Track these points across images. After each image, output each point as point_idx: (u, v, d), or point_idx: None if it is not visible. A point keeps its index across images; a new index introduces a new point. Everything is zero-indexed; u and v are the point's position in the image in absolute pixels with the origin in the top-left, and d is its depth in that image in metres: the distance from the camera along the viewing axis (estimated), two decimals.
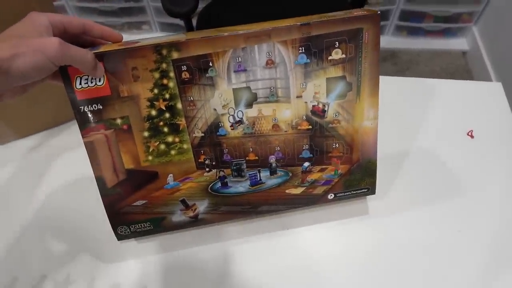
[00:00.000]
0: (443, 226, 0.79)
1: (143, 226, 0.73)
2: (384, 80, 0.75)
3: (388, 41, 2.64)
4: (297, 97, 0.70)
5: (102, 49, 0.63)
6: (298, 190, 0.76)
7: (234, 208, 0.75)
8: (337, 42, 0.66)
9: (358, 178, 0.78)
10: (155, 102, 0.67)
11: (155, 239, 0.78)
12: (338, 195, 0.78)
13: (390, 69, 2.55)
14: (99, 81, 0.64)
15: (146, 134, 0.69)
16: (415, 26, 2.58)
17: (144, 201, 0.74)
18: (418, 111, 1.01)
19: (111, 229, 0.71)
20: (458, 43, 2.63)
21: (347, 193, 0.78)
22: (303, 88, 0.68)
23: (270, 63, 0.67)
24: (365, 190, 0.80)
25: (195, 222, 0.76)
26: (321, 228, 0.79)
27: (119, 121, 0.65)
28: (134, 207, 0.71)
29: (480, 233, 0.73)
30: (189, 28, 1.60)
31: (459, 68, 2.53)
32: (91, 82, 0.64)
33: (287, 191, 0.75)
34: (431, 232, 0.78)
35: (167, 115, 0.68)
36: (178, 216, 0.74)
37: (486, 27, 2.48)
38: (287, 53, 0.67)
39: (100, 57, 0.61)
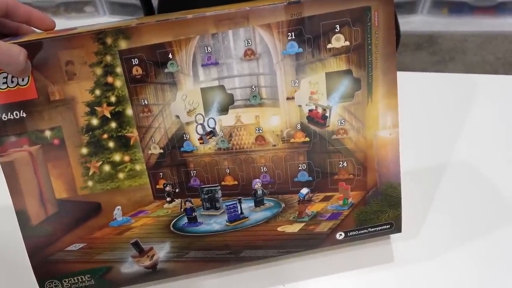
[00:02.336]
0: (498, 275, 0.76)
1: (80, 280, 0.72)
2: (412, 77, 0.75)
3: (423, 22, 2.47)
4: (288, 99, 0.69)
5: (26, 38, 0.63)
6: (295, 228, 0.75)
7: (207, 254, 0.74)
8: (337, 26, 0.66)
9: (376, 209, 0.76)
10: (96, 108, 0.66)
11: None
12: (350, 234, 0.77)
13: (427, 59, 2.38)
14: (22, 80, 0.64)
15: (84, 151, 0.67)
16: (458, 1, 2.44)
17: (82, 244, 0.71)
18: (458, 117, 0.99)
19: (37, 284, 0.73)
20: None
21: (362, 232, 0.79)
22: (296, 87, 0.68)
23: (249, 54, 0.68)
24: (387, 226, 0.78)
25: (153, 274, 0.75)
26: (328, 282, 0.77)
27: (48, 133, 0.67)
28: (69, 253, 0.70)
29: None
30: (148, 10, 1.50)
31: None
32: (11, 82, 0.64)
33: (279, 228, 0.75)
34: (481, 284, 0.74)
35: (113, 125, 0.67)
36: (130, 266, 0.73)
37: None
38: (271, 40, 0.67)
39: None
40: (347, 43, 0.67)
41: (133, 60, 0.66)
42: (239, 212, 0.73)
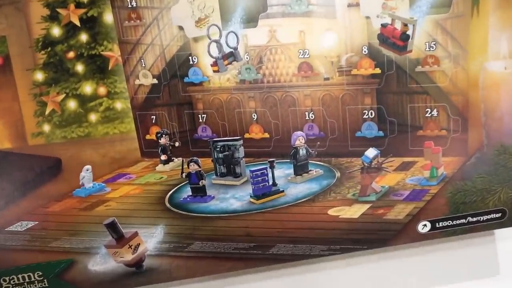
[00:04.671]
0: None
1: (27, 280, 0.70)
2: None
3: None
4: (350, 6, 0.67)
5: None
6: (355, 211, 0.72)
7: (219, 247, 0.72)
8: None
9: (481, 187, 0.73)
10: (59, 10, 0.65)
11: None
12: (440, 225, 0.73)
13: None
14: None
15: (39, 76, 0.67)
16: None
17: (30, 223, 0.70)
18: None
19: None
20: None
21: (458, 222, 0.74)
22: None
23: None
24: (497, 215, 0.74)
25: (138, 276, 0.72)
26: None
27: None
28: (10, 236, 0.70)
29: None
30: None
31: None
32: None
33: (330, 211, 0.72)
34: None
35: (84, 37, 0.66)
36: (102, 261, 0.71)
37: None
38: None
39: None
40: None
41: None
42: (271, 182, 0.70)
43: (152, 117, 0.68)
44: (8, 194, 0.67)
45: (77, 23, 0.64)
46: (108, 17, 0.65)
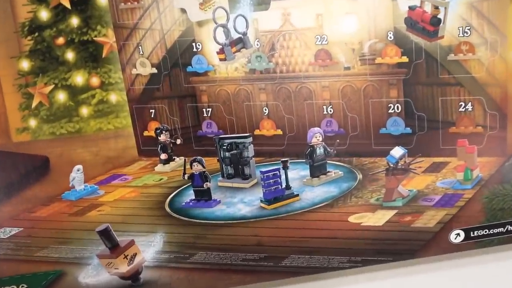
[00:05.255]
0: None
1: None
2: None
3: None
4: None
5: None
6: (379, 218, 0.72)
7: (226, 258, 0.71)
8: None
9: None
10: None
11: None
12: (475, 234, 0.72)
13: None
14: None
15: (25, 65, 0.66)
16: None
17: (15, 229, 0.70)
18: None
19: None
20: None
21: (495, 231, 0.73)
22: None
23: None
24: None
25: None
26: None
27: None
28: None
29: None
30: None
31: None
32: None
33: (351, 218, 0.72)
34: None
35: (75, 21, 0.66)
36: (94, 272, 0.71)
37: None
38: None
39: None
40: None
41: None
42: (284, 185, 0.68)
43: (150, 111, 0.68)
44: None
45: (68, 5, 0.63)
46: None
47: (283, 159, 0.69)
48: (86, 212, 0.68)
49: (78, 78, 0.64)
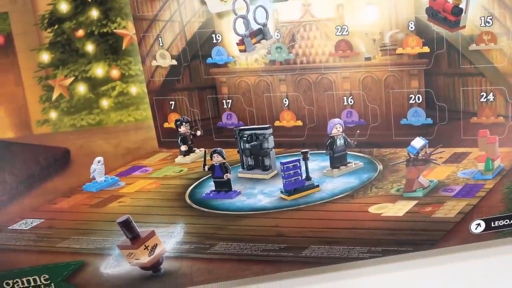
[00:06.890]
0: None
1: (32, 283, 0.70)
2: None
3: None
4: None
5: None
6: (400, 208, 0.72)
7: (246, 249, 0.72)
8: None
9: None
10: None
11: None
12: (496, 224, 0.72)
13: None
14: None
15: (45, 57, 0.66)
16: None
17: (36, 221, 0.70)
18: None
19: None
20: None
21: None
22: None
23: None
24: None
25: (155, 280, 0.72)
26: None
27: None
28: (13, 235, 0.70)
29: None
30: None
31: None
32: None
33: (371, 209, 0.72)
34: None
35: (95, 13, 0.65)
36: (115, 263, 0.71)
37: None
38: None
39: None
40: None
41: None
42: (304, 176, 0.69)
43: (170, 102, 0.68)
44: (11, 189, 0.67)
45: None
46: None
47: (303, 150, 0.70)
48: (107, 204, 0.69)
49: (98, 70, 0.64)
